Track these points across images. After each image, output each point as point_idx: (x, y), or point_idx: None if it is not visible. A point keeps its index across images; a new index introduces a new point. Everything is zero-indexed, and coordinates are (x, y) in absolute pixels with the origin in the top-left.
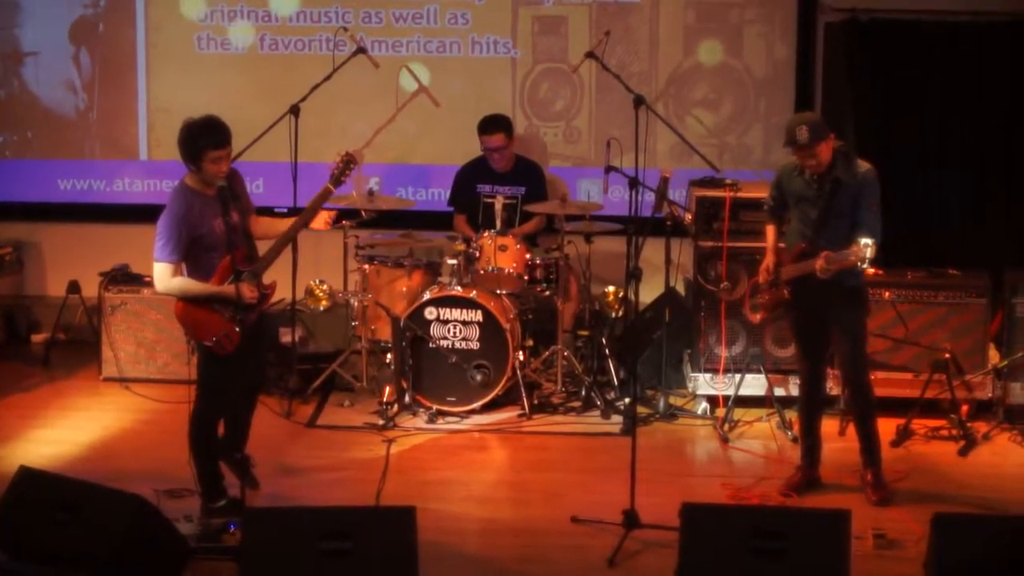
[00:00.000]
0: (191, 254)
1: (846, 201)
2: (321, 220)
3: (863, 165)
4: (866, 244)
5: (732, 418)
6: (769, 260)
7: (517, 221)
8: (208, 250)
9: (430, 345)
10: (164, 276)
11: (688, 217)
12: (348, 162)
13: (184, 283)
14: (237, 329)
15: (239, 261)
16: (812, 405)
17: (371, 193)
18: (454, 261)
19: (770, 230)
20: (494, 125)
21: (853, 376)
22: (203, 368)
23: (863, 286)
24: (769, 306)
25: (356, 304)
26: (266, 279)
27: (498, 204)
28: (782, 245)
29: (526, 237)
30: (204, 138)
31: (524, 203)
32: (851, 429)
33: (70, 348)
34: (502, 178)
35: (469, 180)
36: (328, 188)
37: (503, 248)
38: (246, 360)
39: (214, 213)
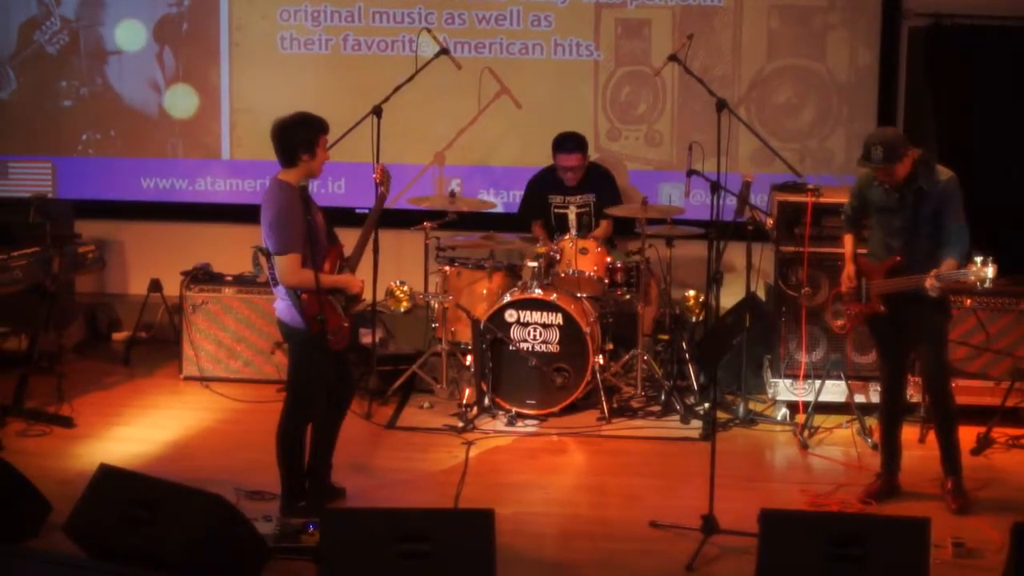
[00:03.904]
0: None
1: (928, 210)
2: None
3: (944, 172)
4: (985, 262)
5: (812, 424)
6: (849, 269)
7: (593, 226)
8: (312, 244)
9: (510, 348)
10: (294, 267)
11: (769, 222)
12: (384, 173)
13: (311, 274)
14: (346, 324)
15: (340, 255)
16: (893, 412)
17: (452, 195)
18: (535, 264)
19: (848, 239)
20: (572, 145)
21: (934, 383)
22: (301, 367)
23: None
24: (860, 319)
25: (436, 306)
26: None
27: (571, 214)
28: (862, 251)
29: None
30: (318, 122)
31: (597, 208)
32: (931, 437)
33: (151, 347)
34: (573, 188)
35: (540, 191)
36: (383, 193)
37: (584, 251)
38: (341, 362)
39: (310, 209)
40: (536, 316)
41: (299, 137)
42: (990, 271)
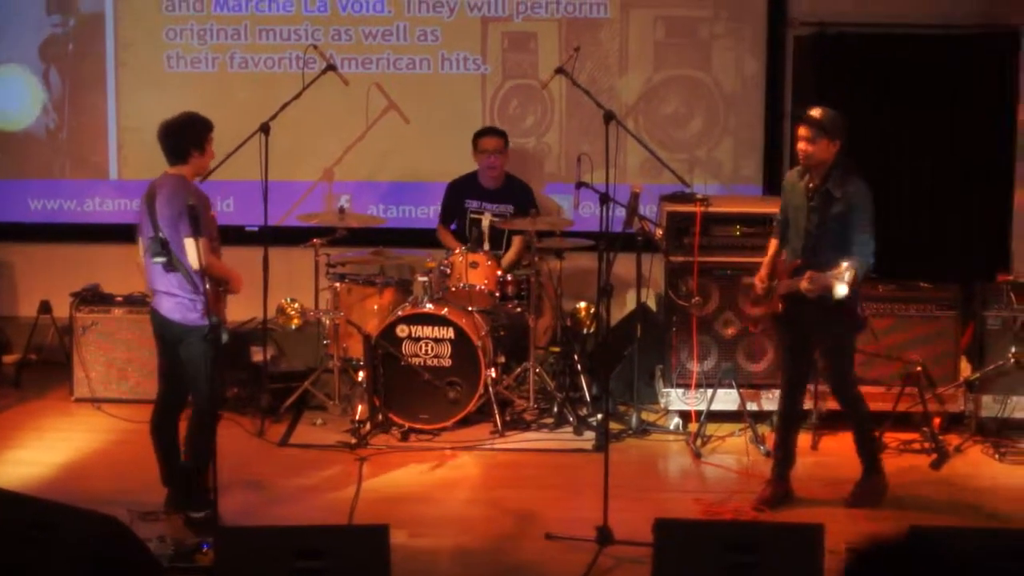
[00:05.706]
0: None
1: (834, 215)
2: None
3: (856, 183)
4: (847, 267)
5: (704, 433)
6: (762, 272)
7: (505, 240)
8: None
9: (402, 363)
10: (205, 250)
11: (659, 232)
12: None
13: (216, 261)
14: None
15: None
16: (790, 419)
17: (342, 211)
18: (425, 278)
19: (772, 243)
20: (492, 131)
21: (840, 391)
22: (200, 365)
23: (851, 301)
24: (763, 319)
25: (327, 322)
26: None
27: (485, 221)
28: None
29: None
30: (204, 121)
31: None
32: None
33: (42, 369)
34: (491, 195)
35: (458, 194)
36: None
37: (474, 265)
38: None
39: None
40: (427, 331)
41: (189, 133)
42: (848, 275)
